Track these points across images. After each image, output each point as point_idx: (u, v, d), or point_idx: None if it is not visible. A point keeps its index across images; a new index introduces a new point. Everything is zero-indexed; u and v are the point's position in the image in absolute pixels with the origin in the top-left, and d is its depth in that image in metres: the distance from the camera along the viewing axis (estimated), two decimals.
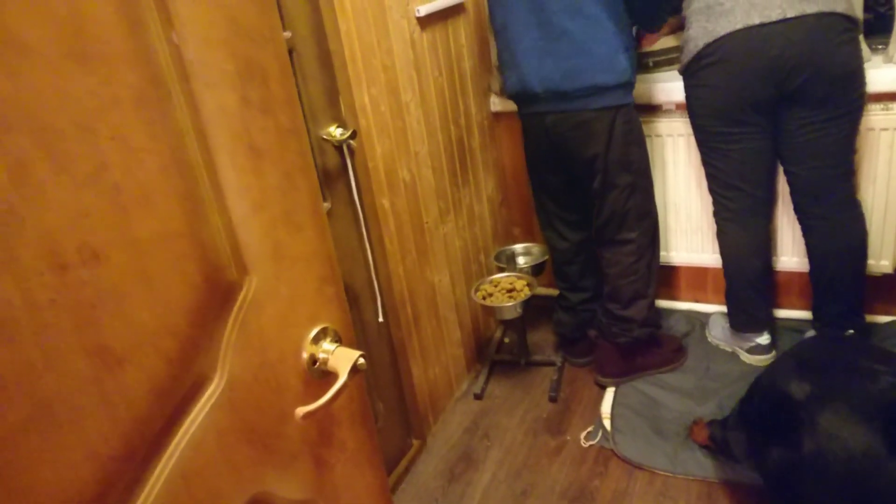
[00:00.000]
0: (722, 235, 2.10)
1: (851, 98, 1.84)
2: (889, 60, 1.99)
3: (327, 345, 0.81)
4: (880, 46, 2.05)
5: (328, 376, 0.80)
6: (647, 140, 2.25)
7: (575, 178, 2.10)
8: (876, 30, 2.09)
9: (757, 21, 1.76)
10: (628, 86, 1.95)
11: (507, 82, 2.06)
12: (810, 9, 1.73)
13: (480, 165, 2.43)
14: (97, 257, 0.56)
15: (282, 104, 0.74)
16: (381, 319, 1.86)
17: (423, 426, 2.14)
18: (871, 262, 2.09)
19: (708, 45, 1.83)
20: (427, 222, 2.10)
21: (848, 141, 1.89)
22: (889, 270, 2.14)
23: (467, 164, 2.33)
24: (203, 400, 0.67)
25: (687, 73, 1.94)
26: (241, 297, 0.71)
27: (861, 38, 1.85)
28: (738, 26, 1.78)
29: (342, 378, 0.75)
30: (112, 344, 0.58)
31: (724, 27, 1.80)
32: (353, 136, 1.69)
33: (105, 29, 0.56)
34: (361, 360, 0.78)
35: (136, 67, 0.59)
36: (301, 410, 0.74)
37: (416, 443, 2.12)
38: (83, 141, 0.55)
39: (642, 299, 2.10)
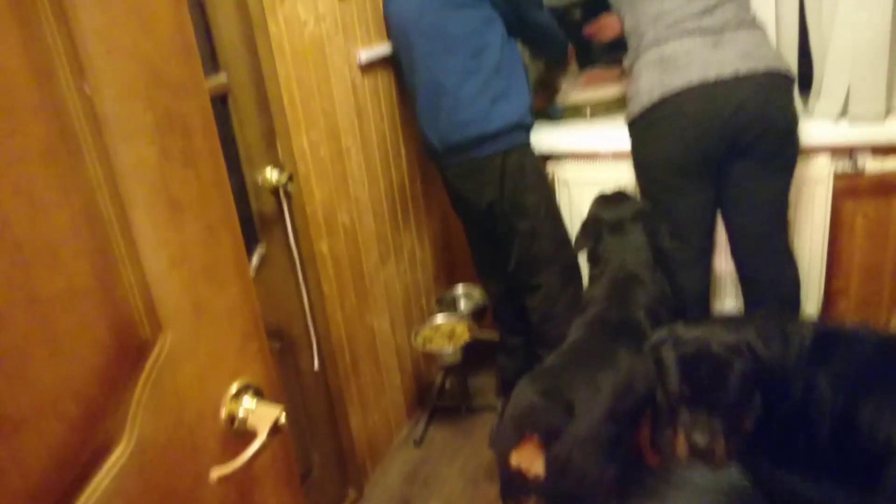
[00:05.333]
0: None
1: (792, 152, 1.91)
2: (809, 115, 2.09)
3: (248, 402, 0.78)
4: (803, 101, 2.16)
5: (248, 435, 0.78)
6: (585, 188, 2.29)
7: (485, 227, 2.16)
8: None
9: (713, 76, 1.78)
10: (516, 129, 2.00)
11: (421, 140, 2.14)
12: (760, 66, 1.79)
13: (423, 209, 2.44)
14: None
15: (204, 156, 0.73)
16: (316, 368, 1.82)
17: (361, 475, 2.10)
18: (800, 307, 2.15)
19: (663, 99, 1.83)
20: (367, 266, 2.08)
21: (786, 194, 1.96)
22: (814, 317, 2.21)
23: (409, 207, 2.34)
24: (108, 466, 0.63)
25: (636, 125, 1.94)
26: (154, 356, 0.68)
27: (796, 94, 1.94)
28: (695, 81, 1.79)
29: (261, 437, 0.73)
30: (6, 410, 0.54)
31: (680, 81, 1.81)
32: (290, 179, 1.68)
33: (11, 80, 0.55)
34: (282, 418, 0.76)
35: (44, 119, 0.57)
36: (216, 472, 0.71)
37: (352, 492, 2.07)
38: None
39: None
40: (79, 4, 0.60)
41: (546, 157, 2.31)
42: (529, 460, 1.42)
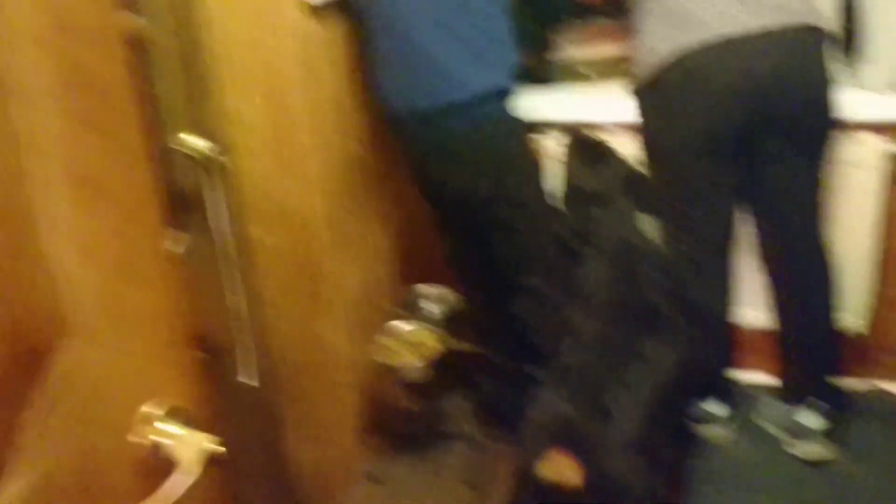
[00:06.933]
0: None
1: (829, 126, 1.95)
2: (857, 84, 2.13)
3: (172, 428, 0.79)
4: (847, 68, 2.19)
5: (172, 469, 0.78)
6: None
7: (459, 215, 2.17)
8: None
9: (738, 31, 1.79)
10: (500, 96, 2.01)
11: (381, 105, 2.13)
12: (791, 20, 1.81)
13: (387, 190, 2.43)
14: None
15: (119, 122, 0.73)
16: (255, 384, 1.82)
17: None
18: (841, 319, 2.20)
19: (676, 60, 1.84)
20: (316, 260, 2.08)
21: (823, 177, 2.00)
22: (862, 330, 2.26)
23: (370, 188, 2.33)
24: None
25: (644, 93, 1.96)
26: (55, 369, 0.68)
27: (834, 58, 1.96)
28: (715, 38, 1.80)
29: (188, 472, 0.73)
30: None
31: (695, 37, 1.81)
32: (223, 151, 1.67)
33: None
34: (215, 448, 0.76)
35: None
36: None
37: None
38: None
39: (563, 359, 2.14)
40: None
41: (536, 130, 2.32)
42: (564, 472, 1.50)
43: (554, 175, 2.28)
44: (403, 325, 2.37)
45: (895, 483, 2.03)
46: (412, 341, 2.32)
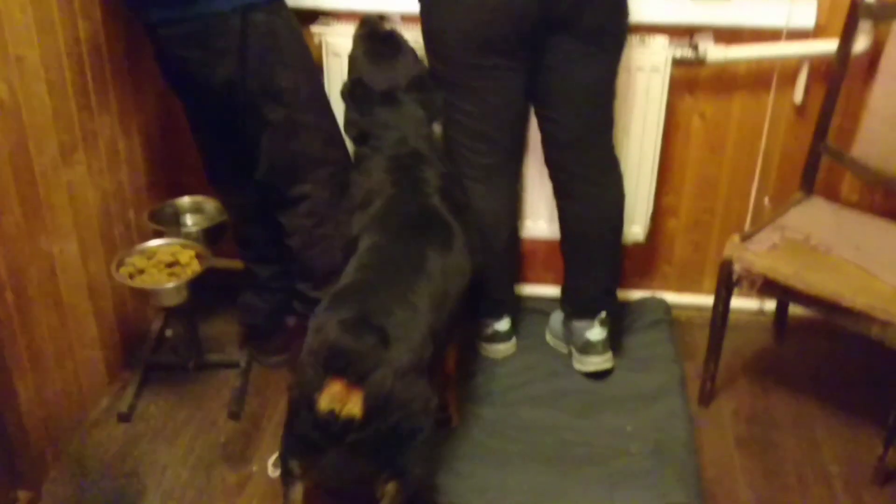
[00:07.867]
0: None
1: (621, 27, 1.99)
2: None
3: None
4: None
5: None
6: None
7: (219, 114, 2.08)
8: None
9: None
10: None
11: None
12: None
13: (129, 82, 2.29)
14: None
15: None
16: None
17: (38, 469, 1.99)
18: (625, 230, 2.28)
19: None
20: (39, 164, 1.94)
21: (613, 81, 2.05)
22: (641, 239, 2.36)
23: (107, 78, 2.18)
24: None
25: None
26: None
27: None
28: None
29: None
30: None
31: None
32: None
33: None
34: None
35: None
36: None
37: (24, 495, 1.94)
38: None
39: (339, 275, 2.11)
40: None
41: (310, 17, 2.25)
42: (342, 401, 1.51)
43: (337, 71, 2.23)
44: (155, 242, 2.30)
45: (672, 385, 2.17)
46: (166, 260, 2.24)
